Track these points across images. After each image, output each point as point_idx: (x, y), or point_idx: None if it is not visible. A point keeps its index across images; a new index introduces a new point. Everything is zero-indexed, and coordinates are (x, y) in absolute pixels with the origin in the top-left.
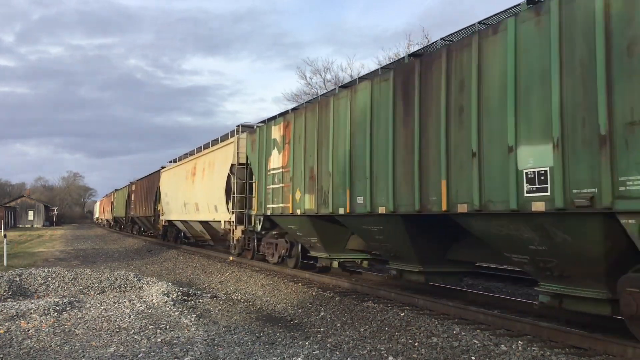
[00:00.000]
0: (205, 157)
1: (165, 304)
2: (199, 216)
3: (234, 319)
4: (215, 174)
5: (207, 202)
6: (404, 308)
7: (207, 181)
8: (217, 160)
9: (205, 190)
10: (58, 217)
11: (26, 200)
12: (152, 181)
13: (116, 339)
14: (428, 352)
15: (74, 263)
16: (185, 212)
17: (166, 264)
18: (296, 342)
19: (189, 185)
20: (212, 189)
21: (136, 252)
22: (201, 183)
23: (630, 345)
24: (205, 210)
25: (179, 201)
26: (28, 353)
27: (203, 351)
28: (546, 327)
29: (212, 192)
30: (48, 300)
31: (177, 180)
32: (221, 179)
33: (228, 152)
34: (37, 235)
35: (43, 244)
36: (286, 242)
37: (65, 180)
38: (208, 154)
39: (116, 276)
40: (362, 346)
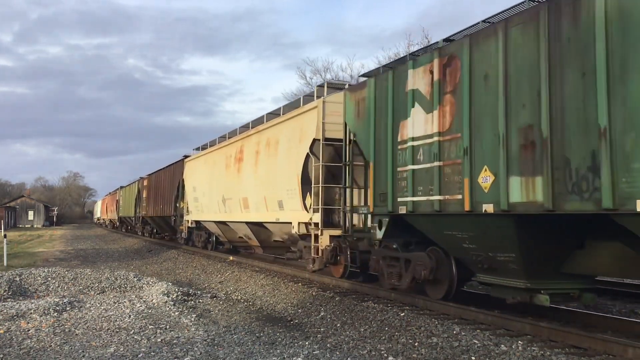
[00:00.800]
0: (260, 134)
1: (165, 304)
2: (248, 216)
3: (234, 319)
4: (280, 157)
5: (264, 196)
6: (404, 308)
7: (265, 167)
8: (283, 137)
9: (262, 181)
10: (58, 217)
11: (26, 200)
12: (171, 174)
13: (116, 339)
14: (428, 352)
15: (74, 263)
16: (224, 210)
17: (166, 264)
18: (296, 342)
19: (231, 176)
20: (274, 178)
21: (136, 252)
22: (253, 171)
23: (631, 345)
24: (261, 207)
25: (215, 197)
26: (28, 353)
27: (203, 351)
28: (546, 327)
29: (274, 183)
30: (48, 300)
31: (212, 170)
32: (293, 163)
33: (305, 123)
34: (37, 235)
35: (43, 244)
36: (430, 258)
37: (65, 180)
38: (266, 129)
39: (116, 276)
40: (362, 346)
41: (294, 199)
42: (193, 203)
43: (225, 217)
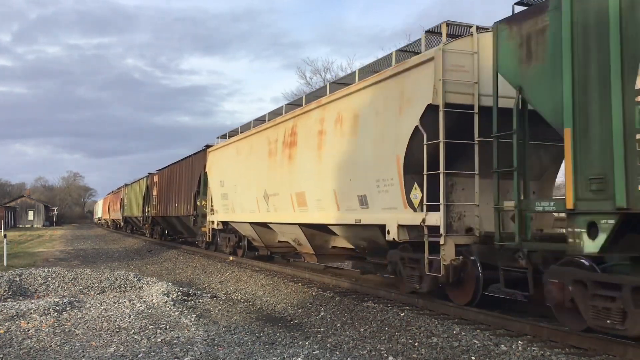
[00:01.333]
0: (325, 109)
1: (165, 304)
2: (305, 216)
3: (234, 319)
4: (363, 136)
5: (332, 190)
6: (404, 308)
7: (336, 152)
8: (367, 109)
9: (330, 170)
10: (58, 217)
11: (26, 200)
12: (189, 167)
13: (116, 339)
14: (428, 352)
15: (74, 263)
16: (266, 208)
17: (166, 264)
18: (296, 342)
19: (277, 165)
20: (353, 166)
21: (136, 252)
22: (314, 157)
23: (631, 345)
24: (328, 205)
25: (252, 192)
26: (28, 353)
27: (203, 351)
28: (546, 327)
29: (353, 172)
30: (48, 300)
31: (246, 159)
32: (389, 143)
33: (409, 85)
34: (37, 235)
35: (43, 244)
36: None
37: (65, 180)
38: (334, 102)
39: (116, 276)
40: (362, 346)
41: (389, 192)
42: (220, 201)
43: (268, 218)
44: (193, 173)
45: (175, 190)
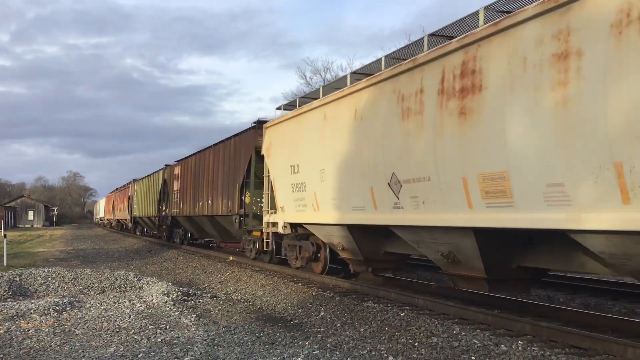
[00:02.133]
0: (546, 22)
1: (165, 304)
2: (497, 216)
3: (234, 319)
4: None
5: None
6: (404, 308)
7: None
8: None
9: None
10: (58, 217)
11: (26, 200)
12: (231, 152)
13: (116, 339)
14: (428, 352)
15: (74, 263)
16: (393, 203)
17: (166, 264)
18: (296, 342)
19: (423, 133)
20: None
21: (136, 252)
22: (550, 107)
23: (631, 345)
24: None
25: (355, 181)
26: (28, 353)
27: (203, 351)
28: (546, 327)
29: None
30: (48, 300)
31: (347, 128)
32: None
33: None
34: (37, 235)
35: (43, 244)
36: None
37: (65, 180)
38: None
39: (116, 276)
40: (362, 346)
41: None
42: (290, 194)
43: (406, 218)
44: (237, 159)
45: (206, 183)
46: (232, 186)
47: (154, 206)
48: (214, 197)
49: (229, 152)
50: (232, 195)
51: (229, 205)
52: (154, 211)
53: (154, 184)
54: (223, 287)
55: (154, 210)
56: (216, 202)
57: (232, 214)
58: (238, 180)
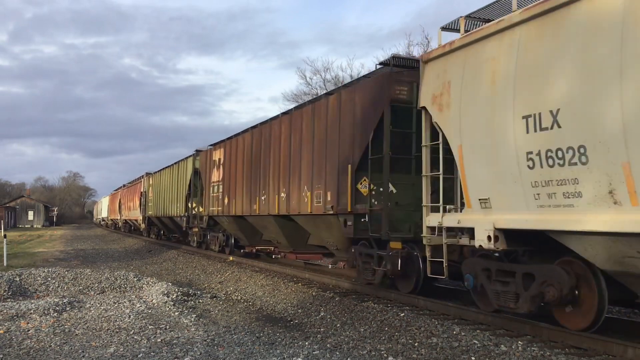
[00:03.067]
0: None
1: (165, 304)
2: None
3: (234, 319)
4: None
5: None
6: (404, 308)
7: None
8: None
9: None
10: (58, 217)
11: (26, 201)
12: (329, 116)
13: (116, 339)
14: (428, 352)
15: (74, 263)
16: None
17: (166, 264)
18: (296, 342)
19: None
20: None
21: (136, 252)
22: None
23: (631, 345)
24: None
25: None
26: (28, 353)
27: (203, 351)
28: (546, 327)
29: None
30: (48, 300)
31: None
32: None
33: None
34: (37, 236)
35: (43, 244)
36: None
37: (65, 180)
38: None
39: (116, 276)
40: (362, 346)
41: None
42: (512, 175)
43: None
44: (345, 128)
45: (276, 169)
46: (334, 169)
47: (179, 204)
48: (293, 188)
49: (324, 117)
50: (334, 183)
51: (329, 199)
52: (179, 210)
53: (180, 176)
54: (223, 287)
55: (179, 208)
56: (298, 196)
57: (335, 212)
58: (351, 158)
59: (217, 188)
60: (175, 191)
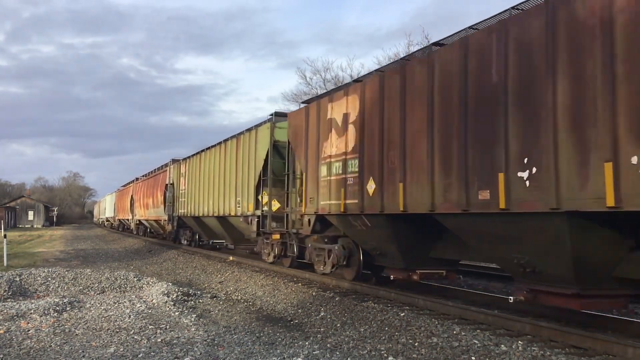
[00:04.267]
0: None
1: (165, 304)
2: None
3: (234, 319)
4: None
5: None
6: (404, 308)
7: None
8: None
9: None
10: (58, 217)
11: (26, 201)
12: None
13: (116, 339)
14: (428, 352)
15: (74, 263)
16: None
17: (166, 264)
18: (296, 342)
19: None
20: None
21: (136, 252)
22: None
23: (631, 345)
24: None
25: None
26: (28, 353)
27: (203, 351)
28: (546, 327)
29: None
30: (48, 300)
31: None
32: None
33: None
34: (37, 236)
35: (43, 244)
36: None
37: (65, 180)
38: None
39: (116, 276)
40: (362, 346)
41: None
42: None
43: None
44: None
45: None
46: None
47: (241, 198)
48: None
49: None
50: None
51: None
52: (241, 206)
53: (244, 156)
54: (223, 287)
55: (243, 204)
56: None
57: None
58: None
59: (343, 166)
60: (231, 180)
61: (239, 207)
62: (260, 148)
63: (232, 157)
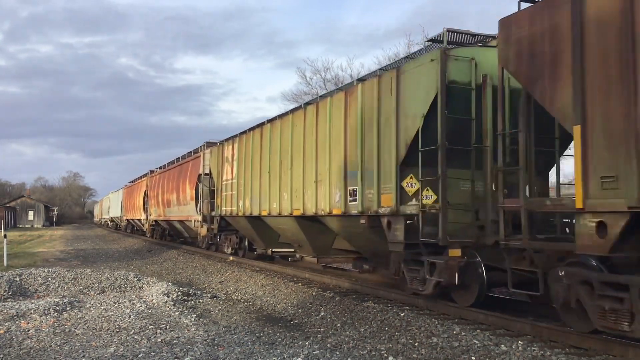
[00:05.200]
0: None
1: (166, 304)
2: None
3: (234, 319)
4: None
5: None
6: (404, 308)
7: None
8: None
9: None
10: (58, 217)
11: (26, 201)
12: None
13: (116, 339)
14: (428, 352)
15: (74, 263)
16: None
17: (166, 264)
18: (296, 342)
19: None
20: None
21: (136, 252)
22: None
23: (631, 345)
24: None
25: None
26: (28, 353)
27: (203, 351)
28: (546, 327)
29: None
30: (48, 300)
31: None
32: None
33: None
34: (37, 236)
35: (43, 244)
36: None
37: (66, 180)
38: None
39: (116, 276)
40: (362, 346)
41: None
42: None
43: None
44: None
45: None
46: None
47: (368, 183)
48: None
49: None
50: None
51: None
52: (370, 198)
53: (371, 121)
54: (223, 287)
55: (374, 194)
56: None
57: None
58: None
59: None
60: (333, 159)
61: (353, 201)
62: (418, 96)
63: (339, 122)
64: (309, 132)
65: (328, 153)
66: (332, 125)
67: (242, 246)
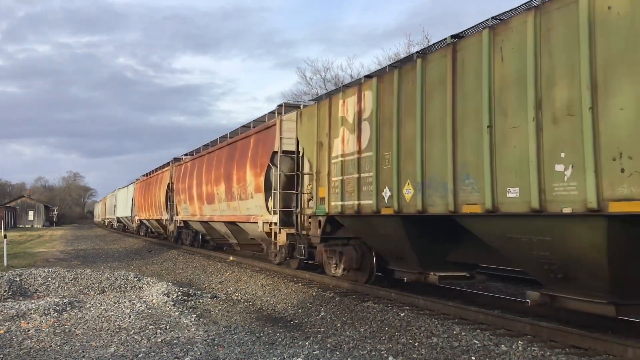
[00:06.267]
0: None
1: (166, 304)
2: None
3: (234, 319)
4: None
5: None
6: (404, 308)
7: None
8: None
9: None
10: (58, 217)
11: (26, 201)
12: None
13: (116, 339)
14: (428, 352)
15: (74, 263)
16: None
17: (166, 264)
18: (296, 342)
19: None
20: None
21: (136, 252)
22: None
23: (631, 345)
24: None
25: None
26: (28, 353)
27: (203, 351)
28: (546, 327)
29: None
30: (48, 300)
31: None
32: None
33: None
34: (37, 236)
35: (43, 244)
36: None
37: (66, 180)
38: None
39: (116, 276)
40: (362, 346)
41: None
42: None
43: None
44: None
45: None
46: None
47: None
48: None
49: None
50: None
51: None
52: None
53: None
54: (223, 287)
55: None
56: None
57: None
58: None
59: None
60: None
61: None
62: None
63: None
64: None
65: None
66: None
67: (369, 265)
